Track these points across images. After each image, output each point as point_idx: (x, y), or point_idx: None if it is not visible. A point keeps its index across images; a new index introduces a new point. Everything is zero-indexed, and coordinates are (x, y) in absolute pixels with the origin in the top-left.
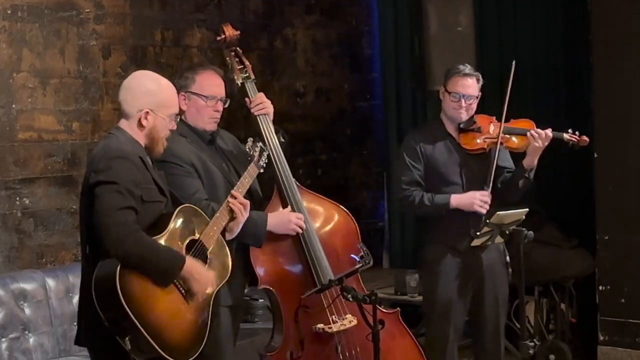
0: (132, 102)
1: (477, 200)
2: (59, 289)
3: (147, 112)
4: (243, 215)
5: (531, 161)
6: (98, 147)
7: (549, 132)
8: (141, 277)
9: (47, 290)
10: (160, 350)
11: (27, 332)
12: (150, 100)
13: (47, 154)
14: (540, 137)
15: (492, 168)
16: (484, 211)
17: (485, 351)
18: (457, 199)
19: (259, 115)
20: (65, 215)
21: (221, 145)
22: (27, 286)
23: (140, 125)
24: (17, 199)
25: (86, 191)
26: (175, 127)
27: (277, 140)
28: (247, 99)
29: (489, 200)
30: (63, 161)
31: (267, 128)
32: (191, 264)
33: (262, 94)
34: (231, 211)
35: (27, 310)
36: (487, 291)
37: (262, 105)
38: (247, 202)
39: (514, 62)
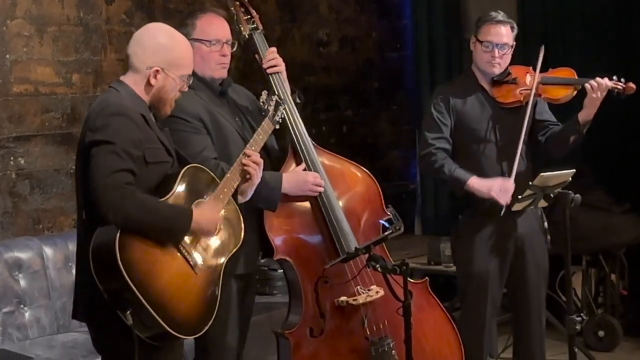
0: (143, 58)
1: (496, 187)
2: (57, 258)
3: (157, 71)
4: (257, 176)
5: (588, 114)
6: (96, 103)
7: (607, 81)
8: (143, 244)
9: (44, 260)
10: (165, 325)
11: (22, 305)
12: (162, 57)
13: (45, 109)
14: (600, 87)
15: (523, 133)
16: (502, 201)
17: (526, 326)
18: (475, 182)
19: (271, 74)
20: (64, 176)
21: (234, 99)
22: (23, 255)
23: (148, 83)
24: (11, 158)
25: (82, 151)
26: (186, 89)
27: (292, 100)
28: (257, 56)
29: (510, 187)
30: (62, 117)
31: (281, 86)
32: (197, 217)
33: (274, 49)
34: (244, 172)
35: (23, 282)
36: (528, 261)
37: (274, 62)
38: (261, 161)
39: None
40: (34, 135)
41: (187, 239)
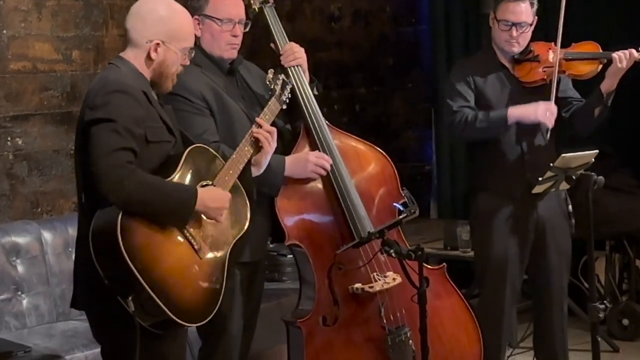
0: (142, 31)
1: (541, 108)
2: (56, 243)
3: (158, 44)
4: (270, 145)
5: (610, 84)
6: (95, 80)
7: (635, 52)
8: (146, 227)
9: (42, 245)
10: (168, 312)
11: (20, 292)
12: (162, 30)
13: (43, 87)
14: (628, 58)
15: (553, 90)
16: (549, 123)
17: (547, 314)
18: (516, 109)
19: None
20: (63, 157)
21: (245, 78)
22: (20, 240)
23: (148, 57)
24: (9, 139)
25: (81, 130)
26: (188, 63)
27: (310, 92)
28: (272, 45)
29: (555, 110)
30: (61, 95)
31: (300, 79)
32: (203, 195)
33: (292, 44)
34: (255, 143)
35: (20, 268)
36: (549, 245)
37: (293, 56)
38: (274, 130)
39: None
40: (32, 115)
41: (191, 221)
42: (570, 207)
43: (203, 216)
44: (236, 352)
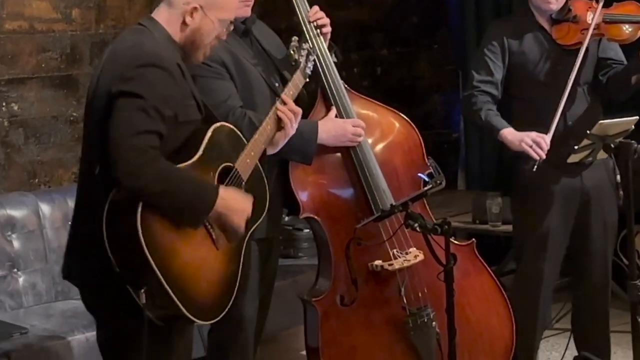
0: None
1: (528, 139)
2: (55, 217)
3: (195, 8)
4: (293, 127)
5: None
6: (126, 44)
7: None
8: (166, 216)
9: (40, 218)
10: (182, 308)
11: (15, 269)
12: None
13: (41, 49)
14: None
15: (571, 78)
16: (535, 155)
17: (590, 293)
18: (508, 133)
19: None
20: (62, 124)
21: (259, 40)
22: (16, 213)
23: (183, 22)
24: (4, 104)
25: (105, 98)
26: (225, 37)
27: (328, 52)
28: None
29: (545, 143)
30: (60, 57)
31: (316, 38)
32: (225, 195)
33: (316, 7)
34: (277, 121)
35: (16, 243)
36: (594, 218)
37: (323, 21)
38: (300, 111)
39: None
40: (29, 78)
41: None
42: (618, 177)
43: None
44: (251, 335)
